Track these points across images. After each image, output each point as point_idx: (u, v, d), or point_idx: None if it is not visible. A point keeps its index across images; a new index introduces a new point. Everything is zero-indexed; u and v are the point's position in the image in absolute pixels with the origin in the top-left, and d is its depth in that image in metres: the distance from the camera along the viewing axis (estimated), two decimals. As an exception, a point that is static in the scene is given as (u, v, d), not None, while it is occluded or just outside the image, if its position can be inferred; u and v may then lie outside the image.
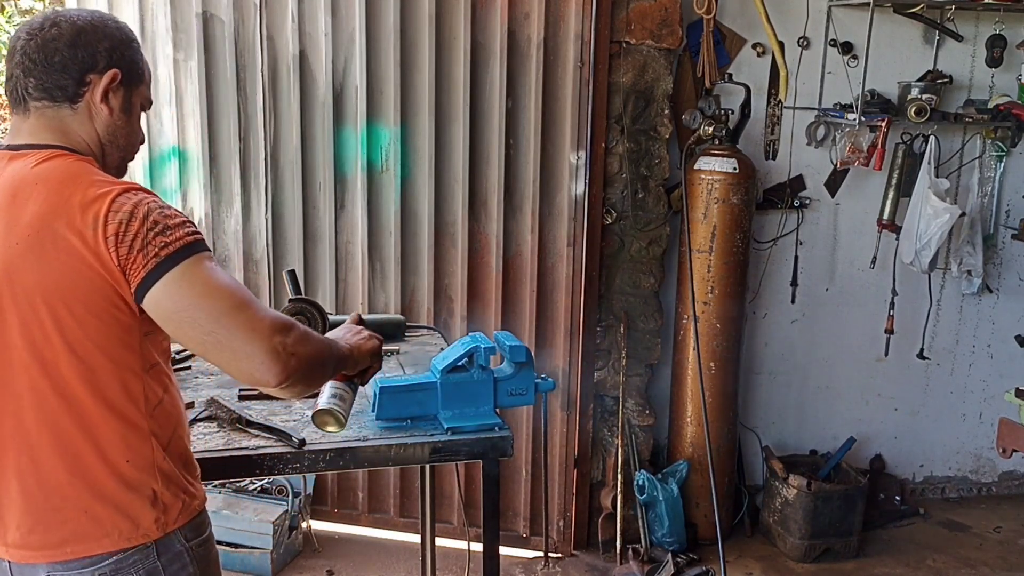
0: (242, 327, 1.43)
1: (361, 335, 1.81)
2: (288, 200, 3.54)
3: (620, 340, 3.68)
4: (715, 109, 3.54)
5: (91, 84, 1.53)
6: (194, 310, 1.43)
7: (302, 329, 1.52)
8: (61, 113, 1.53)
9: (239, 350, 1.43)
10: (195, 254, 1.45)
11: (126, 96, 1.58)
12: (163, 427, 1.56)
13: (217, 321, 1.43)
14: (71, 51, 1.51)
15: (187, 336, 1.47)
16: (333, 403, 1.79)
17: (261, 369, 1.43)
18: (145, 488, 1.52)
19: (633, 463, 3.73)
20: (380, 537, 3.76)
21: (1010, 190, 4.04)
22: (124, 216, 1.42)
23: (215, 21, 3.40)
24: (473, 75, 3.43)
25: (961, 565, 3.78)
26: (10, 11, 5.91)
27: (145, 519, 1.52)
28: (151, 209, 1.44)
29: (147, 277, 1.42)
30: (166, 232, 1.43)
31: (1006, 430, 3.02)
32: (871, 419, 4.19)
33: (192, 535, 1.60)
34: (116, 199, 1.43)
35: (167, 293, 1.43)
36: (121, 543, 1.51)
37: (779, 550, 3.80)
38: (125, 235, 1.41)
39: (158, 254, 1.42)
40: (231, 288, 1.47)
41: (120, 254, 1.42)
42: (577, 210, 3.53)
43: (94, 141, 1.56)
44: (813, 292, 4.00)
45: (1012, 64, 3.83)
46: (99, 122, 1.56)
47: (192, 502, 1.61)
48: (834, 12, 3.70)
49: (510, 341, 2.14)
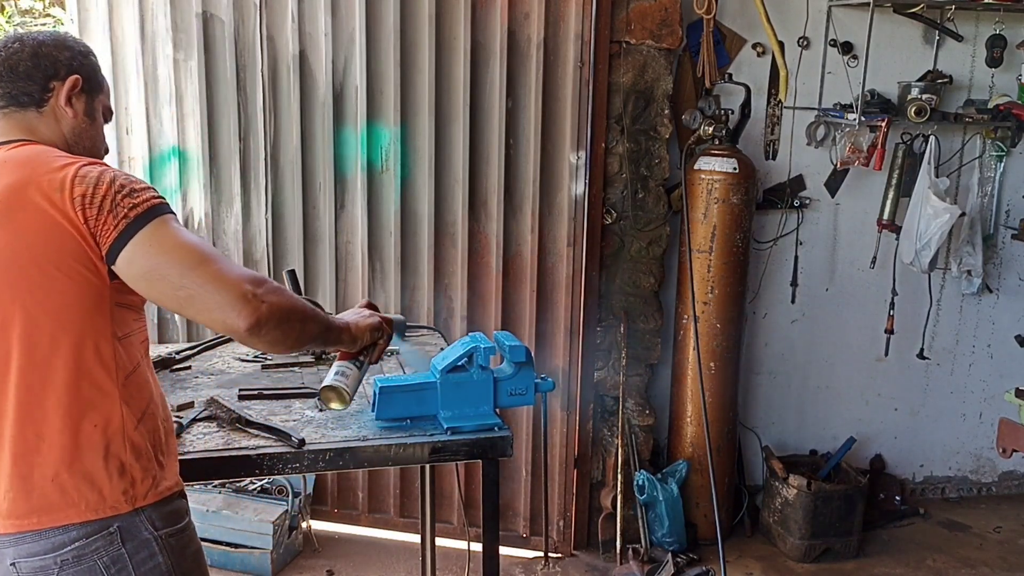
0: (212, 278, 1.49)
1: (361, 314, 1.89)
2: (288, 200, 3.54)
3: (620, 340, 3.68)
4: (715, 109, 3.54)
5: (55, 90, 1.64)
6: (165, 267, 1.49)
7: (276, 283, 1.59)
8: (28, 116, 1.63)
9: (209, 299, 1.49)
10: (162, 214, 1.52)
11: (88, 102, 1.69)
12: (135, 398, 1.58)
13: (187, 275, 1.49)
14: (34, 61, 1.62)
15: (160, 292, 1.51)
16: (337, 379, 1.85)
17: (231, 315, 1.49)
18: (113, 457, 1.53)
19: (633, 463, 3.73)
20: (380, 537, 3.76)
21: (1010, 190, 4.04)
22: (91, 181, 1.50)
23: (215, 21, 3.40)
24: (473, 75, 3.43)
25: (961, 565, 3.78)
26: (10, 11, 5.92)
27: (113, 490, 1.53)
28: (116, 176, 1.52)
29: (119, 238, 1.48)
30: (133, 195, 1.51)
31: (1006, 430, 3.02)
32: (871, 419, 4.19)
33: (163, 523, 1.59)
34: (81, 168, 1.52)
35: (138, 252, 1.49)
36: (87, 514, 1.51)
37: (779, 550, 3.80)
38: (93, 197, 1.48)
39: (127, 215, 1.49)
40: (199, 244, 1.54)
41: (89, 215, 1.48)
42: (577, 210, 3.53)
43: (61, 141, 1.65)
44: (813, 292, 4.00)
45: (1012, 64, 3.83)
46: (64, 124, 1.66)
47: (163, 482, 1.60)
48: (834, 12, 3.70)
49: (510, 341, 2.14)
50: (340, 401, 1.85)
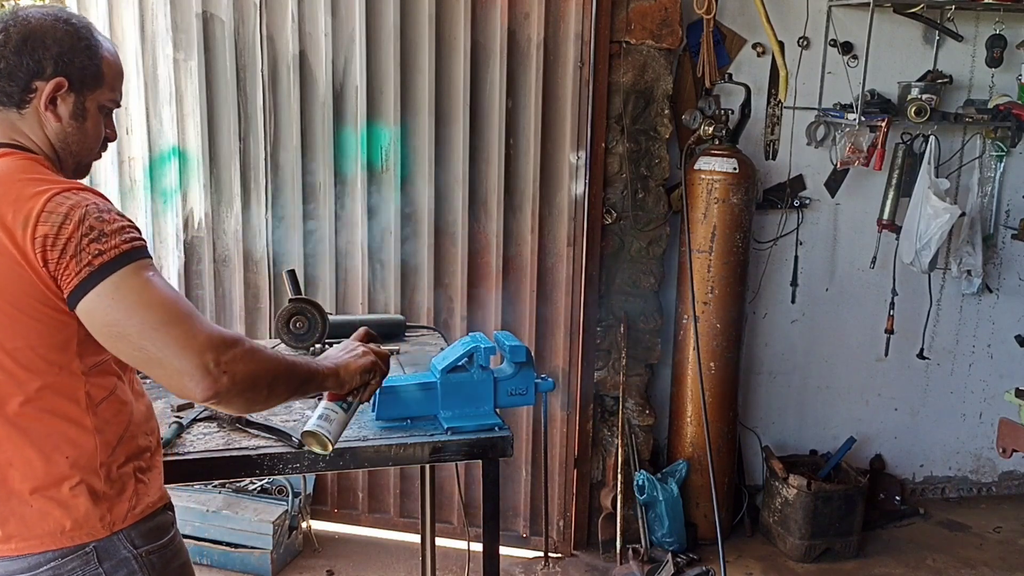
0: (172, 343, 1.38)
1: (353, 352, 1.74)
2: (288, 200, 3.54)
3: (620, 340, 3.68)
4: (715, 109, 3.54)
5: (38, 91, 1.51)
6: (124, 324, 1.39)
7: (250, 346, 1.46)
8: (10, 116, 1.52)
9: (168, 365, 1.38)
10: (131, 263, 1.40)
11: (77, 102, 1.54)
12: (110, 424, 1.51)
13: (146, 337, 1.38)
14: (16, 58, 1.48)
15: (118, 350, 1.43)
16: (318, 425, 1.72)
17: (189, 384, 1.39)
18: (87, 487, 1.48)
19: (633, 463, 3.73)
20: (380, 537, 3.76)
21: (1010, 190, 4.04)
22: (58, 219, 1.38)
23: (215, 21, 3.40)
24: (473, 75, 3.43)
25: (961, 565, 3.78)
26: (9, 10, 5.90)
27: (88, 517, 1.49)
28: (87, 213, 1.39)
29: (79, 286, 1.38)
30: (101, 239, 1.38)
31: (1006, 430, 3.02)
32: (871, 419, 4.19)
33: (143, 541, 1.54)
34: (52, 199, 1.40)
35: (99, 304, 1.38)
36: (63, 541, 1.48)
37: (779, 550, 3.80)
38: (56, 239, 1.37)
39: (91, 263, 1.37)
40: (166, 301, 1.40)
41: (50, 258, 1.38)
42: (577, 210, 3.53)
43: (45, 144, 1.54)
44: (813, 292, 4.00)
45: (1012, 64, 3.83)
46: (48, 128, 1.53)
47: (143, 500, 1.56)
48: (834, 12, 3.70)
49: (510, 341, 2.14)
50: (321, 447, 1.73)
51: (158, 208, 3.56)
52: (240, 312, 3.60)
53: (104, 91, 1.57)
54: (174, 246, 3.58)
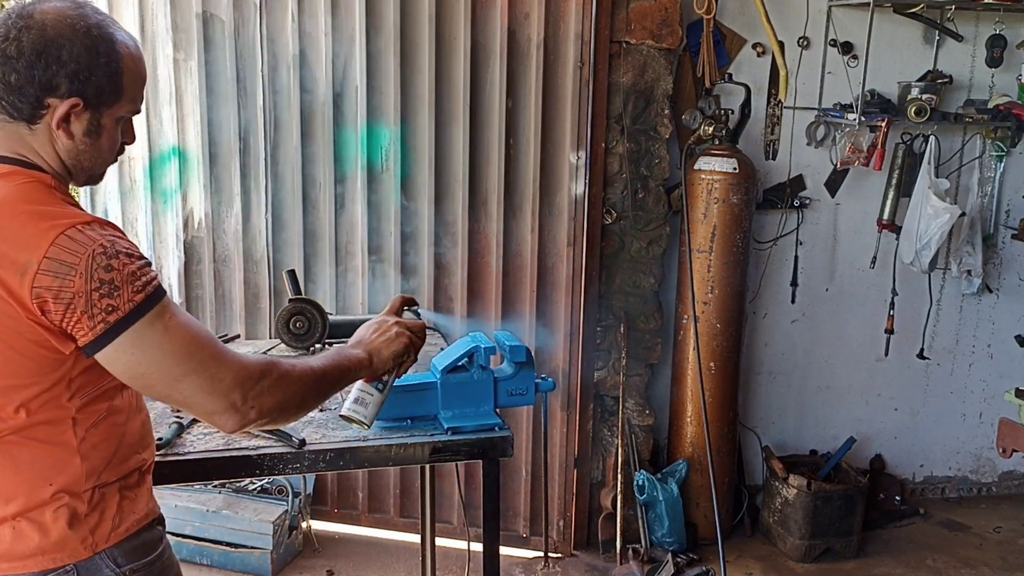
0: (198, 390, 1.39)
1: (386, 336, 1.73)
2: (288, 200, 3.54)
3: (620, 340, 3.68)
4: (715, 109, 3.54)
5: (50, 108, 1.40)
6: (149, 376, 1.39)
7: (278, 374, 1.47)
8: (19, 130, 1.42)
9: (197, 408, 1.42)
10: (146, 314, 1.35)
11: (93, 119, 1.44)
12: (98, 449, 1.47)
13: (173, 387, 1.40)
14: (29, 72, 1.37)
15: (146, 394, 1.46)
16: (353, 410, 1.75)
17: (218, 422, 1.43)
18: (70, 510, 1.45)
19: (633, 463, 3.73)
20: (380, 537, 3.76)
21: (1010, 190, 4.04)
22: (62, 269, 1.31)
23: (215, 21, 3.40)
24: (473, 75, 3.42)
25: (961, 565, 3.78)
26: (10, 11, 5.89)
27: (72, 539, 1.45)
28: (95, 263, 1.32)
29: (94, 341, 1.35)
30: (113, 294, 1.33)
31: (1006, 430, 3.02)
32: (871, 419, 4.19)
33: (126, 559, 1.50)
34: (55, 243, 1.32)
35: (118, 357, 1.37)
36: (45, 563, 1.44)
37: (779, 550, 3.80)
38: (62, 292, 1.31)
39: (105, 320, 1.33)
40: (188, 347, 1.39)
41: (53, 309, 1.33)
42: (577, 210, 3.53)
43: (55, 161, 1.45)
44: (813, 292, 4.00)
45: (1012, 64, 3.83)
46: (60, 145, 1.44)
47: (128, 519, 1.52)
48: (834, 12, 3.70)
49: (510, 341, 2.14)
50: (360, 427, 1.78)
51: (158, 208, 3.56)
52: (240, 312, 3.60)
53: (123, 104, 1.48)
54: (174, 246, 3.58)
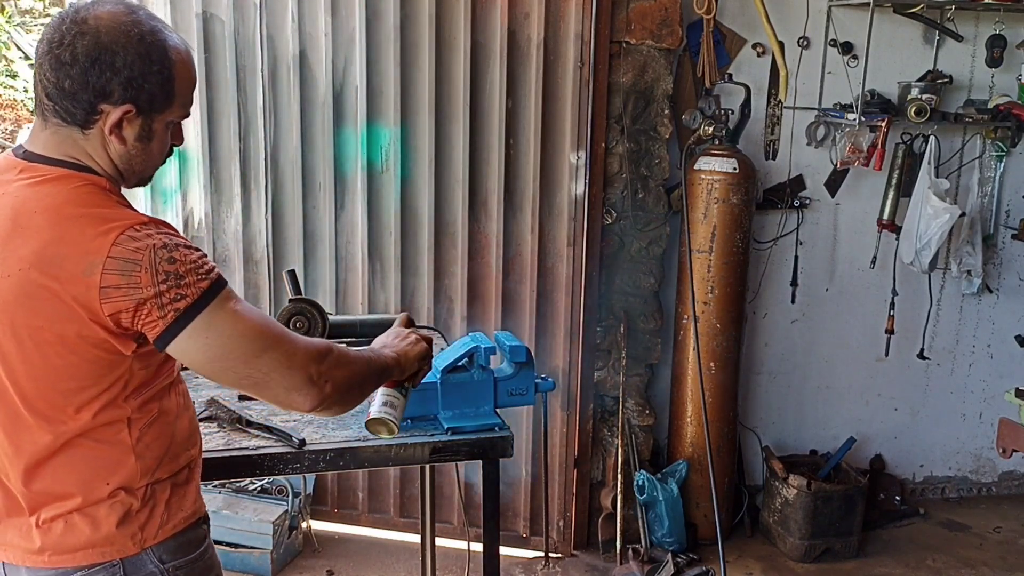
0: (278, 366, 1.44)
1: (408, 340, 1.79)
2: (288, 200, 3.54)
3: (620, 340, 3.68)
4: (715, 109, 3.54)
5: (103, 113, 1.42)
6: (227, 359, 1.42)
7: (338, 352, 1.52)
8: (73, 134, 1.44)
9: (276, 386, 1.45)
10: (215, 298, 1.40)
11: (144, 125, 1.46)
12: (151, 448, 1.51)
13: (251, 364, 1.43)
14: (83, 79, 1.39)
15: (221, 379, 1.48)
16: (384, 412, 1.80)
17: (297, 399, 1.46)
18: (123, 507, 1.48)
19: (633, 463, 3.73)
20: (380, 537, 3.76)
21: (1010, 190, 4.04)
22: (127, 267, 1.34)
23: (215, 21, 3.40)
24: (473, 75, 3.43)
25: (961, 565, 3.78)
26: (10, 11, 5.91)
27: (122, 535, 1.49)
28: (157, 257, 1.36)
29: (165, 331, 1.38)
30: (180, 283, 1.37)
31: (1006, 430, 3.02)
32: (871, 419, 4.19)
33: (170, 556, 1.54)
34: (116, 243, 1.35)
35: (192, 345, 1.40)
36: (94, 557, 1.48)
37: (779, 550, 3.80)
38: (129, 289, 1.35)
39: (176, 307, 1.37)
40: (258, 327, 1.44)
41: (122, 308, 1.35)
42: (577, 210, 3.53)
43: (108, 164, 1.47)
44: (813, 292, 4.00)
45: (1012, 64, 3.83)
46: (112, 150, 1.46)
47: (176, 516, 1.55)
48: (834, 12, 3.70)
49: (510, 341, 2.14)
50: (388, 432, 1.81)
51: (158, 208, 3.56)
52: (240, 312, 3.60)
53: (174, 109, 1.49)
54: (174, 246, 3.57)
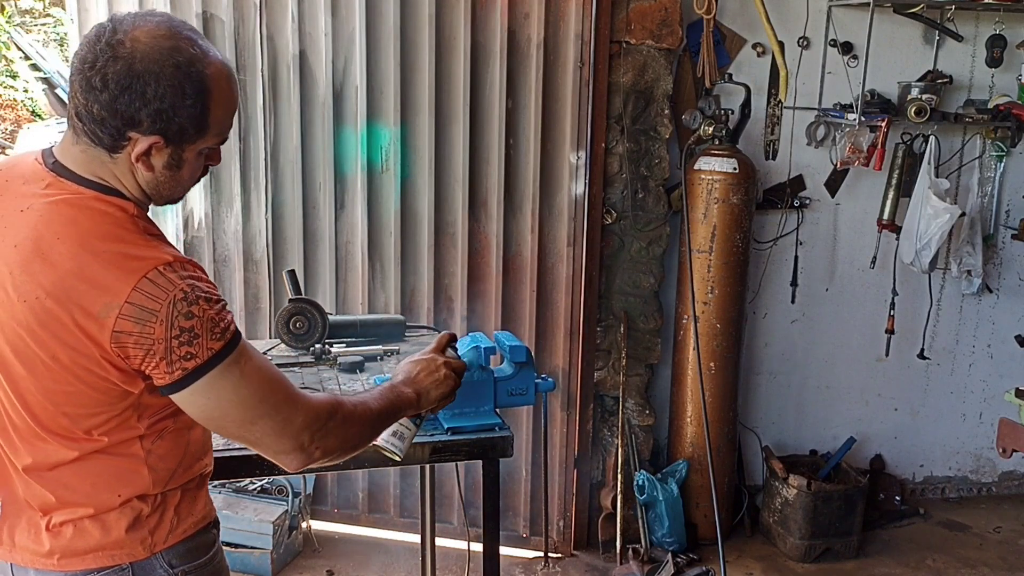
0: (271, 432, 1.44)
1: (435, 377, 1.76)
2: (288, 200, 3.54)
3: (620, 340, 3.68)
4: (715, 109, 3.53)
5: (131, 140, 1.37)
6: (222, 419, 1.43)
7: (344, 413, 1.52)
8: (102, 156, 1.40)
9: (266, 448, 1.47)
10: (223, 361, 1.37)
11: (174, 154, 1.41)
12: (164, 460, 1.50)
13: (246, 429, 1.44)
14: (111, 106, 1.34)
15: (217, 431, 1.50)
16: (390, 442, 1.79)
17: (284, 460, 1.48)
18: (134, 513, 1.48)
19: (633, 463, 3.73)
20: (380, 537, 3.76)
21: (1010, 190, 4.04)
22: (144, 316, 1.32)
23: (215, 21, 3.40)
24: (473, 75, 3.43)
25: (961, 565, 3.78)
26: (10, 11, 5.91)
27: (132, 540, 1.49)
28: (176, 310, 1.32)
29: (170, 385, 1.37)
30: (192, 342, 1.34)
31: (1006, 430, 3.02)
32: (871, 419, 4.19)
33: (180, 560, 1.53)
34: (137, 288, 1.32)
35: (193, 401, 1.39)
36: (104, 560, 1.48)
37: (779, 550, 3.80)
38: (142, 337, 1.32)
39: (184, 367, 1.35)
40: (260, 394, 1.42)
41: (132, 354, 1.34)
42: (577, 210, 3.54)
43: (136, 189, 1.43)
44: (813, 292, 4.00)
45: (1012, 64, 3.83)
46: (139, 176, 1.42)
47: (186, 521, 1.55)
48: (834, 12, 3.70)
49: (510, 341, 2.14)
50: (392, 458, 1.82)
51: (158, 208, 3.55)
52: (240, 312, 3.60)
53: (208, 138, 1.43)
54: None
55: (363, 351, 2.53)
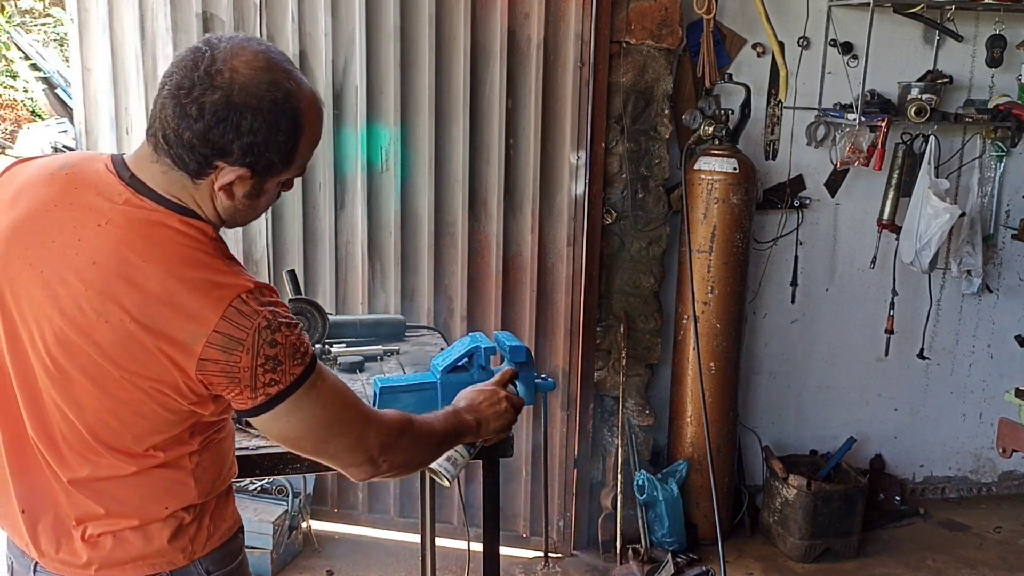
0: (346, 446, 1.49)
1: (496, 408, 1.80)
2: (288, 200, 3.54)
3: (620, 340, 3.68)
4: (715, 109, 3.54)
5: (217, 169, 1.36)
6: (300, 440, 1.46)
7: (414, 432, 1.58)
8: (183, 180, 1.38)
9: (338, 461, 1.52)
10: (304, 383, 1.39)
11: (256, 185, 1.41)
12: (208, 472, 1.51)
13: (322, 447, 1.48)
14: (204, 135, 1.31)
15: (291, 448, 1.52)
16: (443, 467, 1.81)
17: (353, 472, 1.53)
18: (177, 523, 1.49)
19: (633, 463, 3.73)
20: (380, 537, 3.76)
21: (1010, 190, 4.04)
22: (231, 345, 1.32)
23: (215, 21, 3.40)
24: (473, 75, 3.43)
25: (961, 565, 3.78)
26: (10, 11, 5.91)
27: (173, 548, 1.49)
28: (261, 339, 1.33)
29: (251, 410, 1.39)
30: (276, 369, 1.35)
31: (1006, 430, 3.02)
32: (871, 419, 4.19)
33: (215, 566, 1.55)
34: (223, 318, 1.32)
35: (273, 424, 1.42)
36: (144, 569, 1.48)
37: (779, 550, 3.80)
38: (228, 366, 1.33)
39: (267, 392, 1.36)
40: (338, 412, 1.47)
41: (215, 382, 1.35)
42: (577, 210, 3.53)
43: (212, 213, 1.42)
44: (813, 292, 4.00)
45: (1012, 64, 3.83)
46: (218, 203, 1.41)
47: (220, 527, 1.56)
48: (834, 12, 3.70)
49: (510, 341, 2.14)
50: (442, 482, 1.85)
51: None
52: (240, 312, 3.60)
53: (291, 171, 1.44)
54: (174, 246, 3.57)
55: (363, 351, 2.53)
